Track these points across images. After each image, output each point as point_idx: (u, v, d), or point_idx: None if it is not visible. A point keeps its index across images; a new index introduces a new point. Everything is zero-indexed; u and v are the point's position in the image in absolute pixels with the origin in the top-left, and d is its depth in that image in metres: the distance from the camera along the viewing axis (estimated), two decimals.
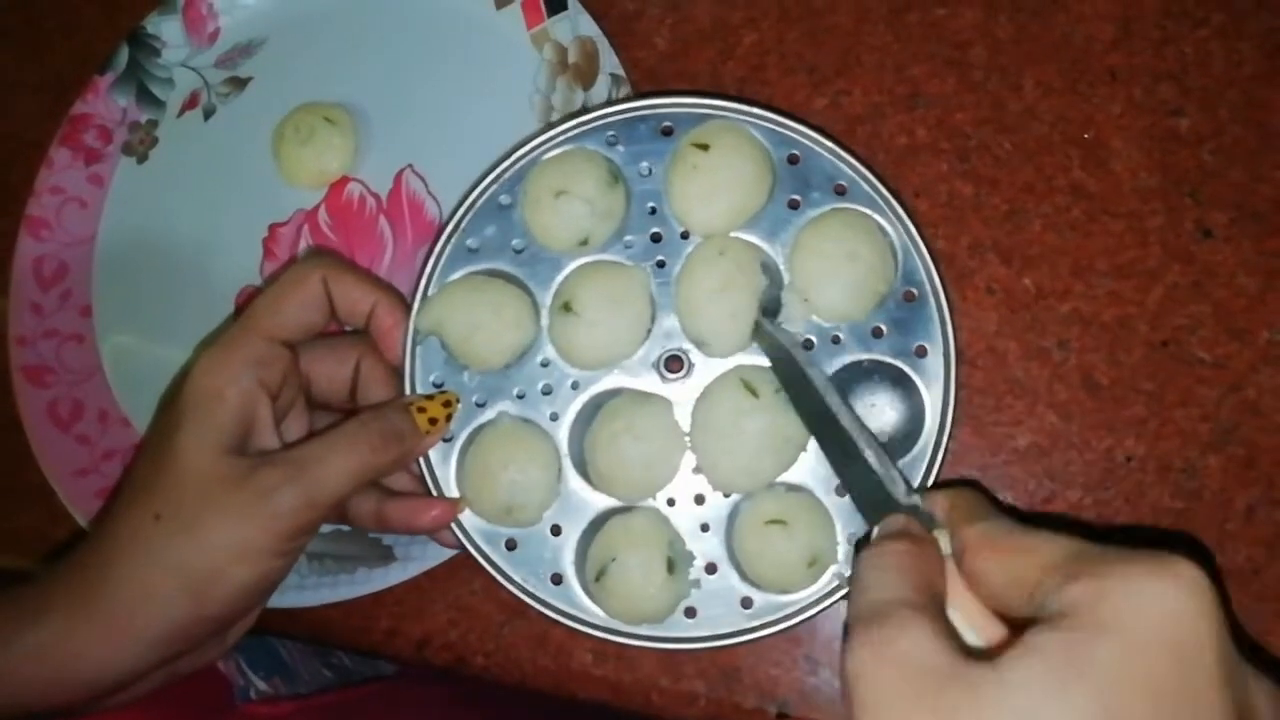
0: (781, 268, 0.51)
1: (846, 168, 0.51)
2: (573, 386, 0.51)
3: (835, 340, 0.50)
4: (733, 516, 0.50)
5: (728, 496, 0.50)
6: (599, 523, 0.51)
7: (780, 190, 0.51)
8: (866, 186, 0.51)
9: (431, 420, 0.50)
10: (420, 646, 0.57)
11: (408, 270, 0.59)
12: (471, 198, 0.52)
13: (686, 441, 0.50)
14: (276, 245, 0.62)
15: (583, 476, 0.51)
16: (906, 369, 0.50)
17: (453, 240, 0.52)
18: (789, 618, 0.49)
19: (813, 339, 0.50)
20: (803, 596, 0.49)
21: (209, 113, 0.64)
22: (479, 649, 0.56)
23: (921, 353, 0.50)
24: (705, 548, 0.50)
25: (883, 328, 0.50)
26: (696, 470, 0.50)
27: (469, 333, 0.50)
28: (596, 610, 0.50)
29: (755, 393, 0.49)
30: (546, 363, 0.52)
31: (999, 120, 0.57)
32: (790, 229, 0.51)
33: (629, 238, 0.52)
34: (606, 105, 0.53)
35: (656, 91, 0.57)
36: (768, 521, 0.48)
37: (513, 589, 0.50)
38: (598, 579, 0.49)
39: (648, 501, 0.51)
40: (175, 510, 0.45)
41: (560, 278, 0.52)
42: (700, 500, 0.50)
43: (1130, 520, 0.53)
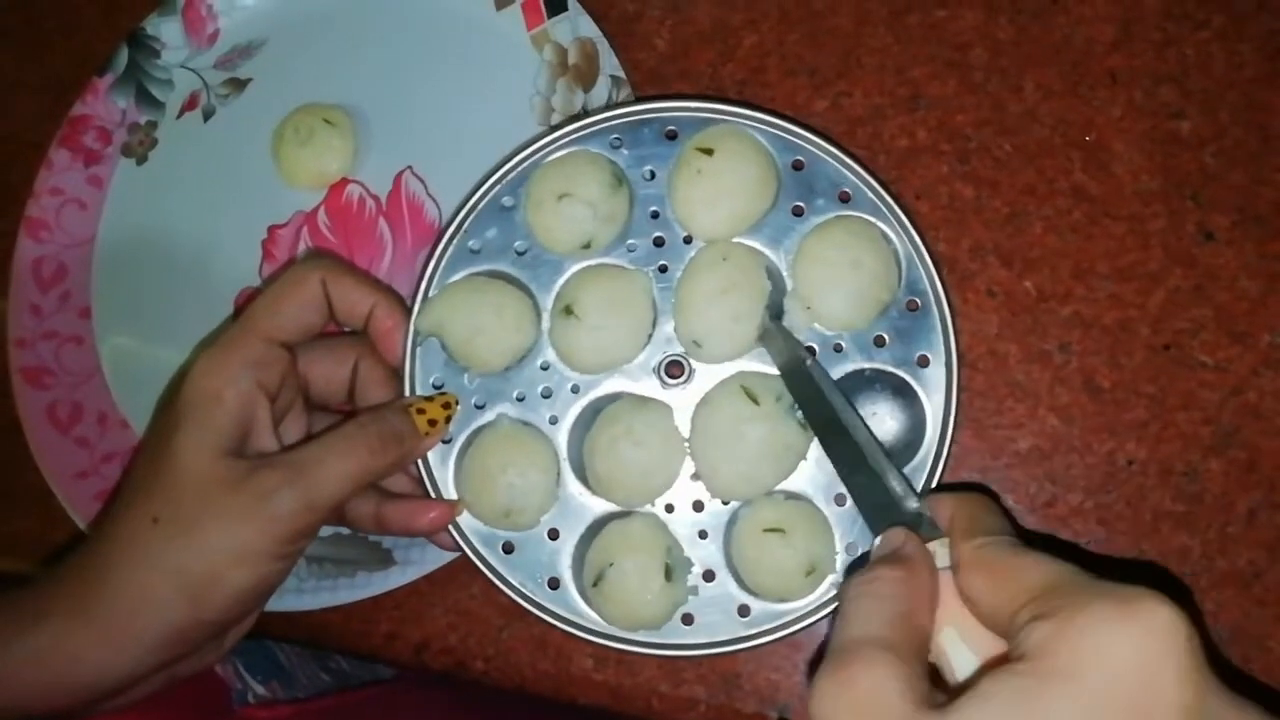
0: (785, 274, 0.51)
1: (851, 175, 0.50)
2: (573, 390, 0.51)
3: (837, 348, 0.50)
4: (731, 524, 0.50)
5: (726, 504, 0.50)
6: (597, 527, 0.50)
7: (784, 196, 0.51)
8: (871, 194, 0.50)
9: (431, 422, 0.50)
10: (419, 650, 0.57)
11: (407, 272, 0.59)
12: (474, 199, 0.52)
13: (686, 447, 0.50)
14: (276, 247, 0.62)
15: (581, 481, 0.51)
16: (908, 379, 0.50)
17: (454, 241, 0.52)
18: (786, 626, 0.49)
19: (815, 347, 0.50)
20: (800, 605, 0.49)
21: (208, 114, 0.64)
22: (478, 653, 0.56)
23: (924, 362, 0.50)
24: (703, 555, 0.50)
25: (885, 337, 0.50)
26: (695, 477, 0.50)
27: (470, 335, 0.50)
28: (593, 616, 0.50)
29: (756, 400, 0.48)
30: (547, 366, 0.51)
31: (1000, 122, 0.57)
32: (794, 235, 0.51)
33: (631, 241, 0.52)
34: (609, 108, 0.52)
35: (661, 95, 0.57)
36: (766, 529, 0.48)
37: (509, 593, 0.50)
38: (595, 584, 0.49)
39: (646, 507, 0.50)
40: (173, 513, 0.45)
41: (562, 281, 0.52)
42: (699, 507, 0.50)
43: (1131, 525, 0.53)
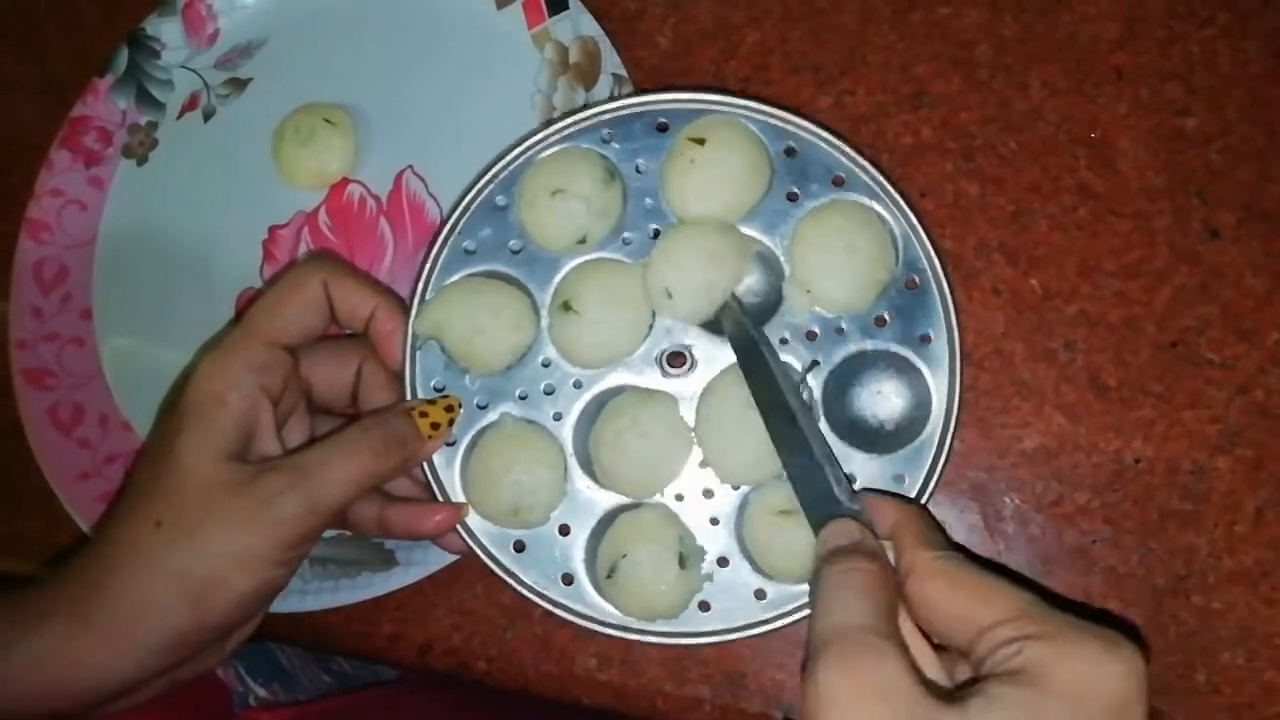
0: (782, 260, 0.51)
1: (844, 159, 0.50)
2: (575, 385, 0.51)
3: (839, 330, 0.50)
4: (742, 509, 0.50)
5: (736, 489, 0.50)
6: (608, 521, 0.50)
7: (778, 183, 0.51)
8: (865, 177, 0.50)
9: (434, 425, 0.50)
10: (422, 652, 0.57)
11: (409, 272, 0.59)
12: (467, 199, 0.52)
13: (692, 436, 0.50)
14: (276, 247, 0.61)
15: (589, 475, 0.51)
16: (911, 356, 0.50)
17: (449, 243, 0.52)
18: (804, 607, 0.49)
19: (816, 330, 0.50)
20: None
21: (209, 114, 0.64)
22: (482, 654, 0.56)
23: (926, 340, 0.50)
24: (716, 541, 0.50)
25: (886, 316, 0.50)
26: (703, 464, 0.50)
27: (469, 336, 0.50)
28: (610, 609, 0.50)
29: None
30: (548, 363, 0.51)
31: (1004, 120, 0.57)
32: (789, 221, 0.51)
33: (626, 235, 0.51)
34: (599, 103, 0.52)
35: (651, 89, 0.56)
36: (777, 512, 0.48)
37: (525, 591, 0.50)
38: (609, 576, 0.49)
39: (656, 497, 0.50)
40: (176, 517, 0.45)
41: (559, 277, 0.51)
42: (709, 494, 0.50)
43: (1138, 524, 0.52)
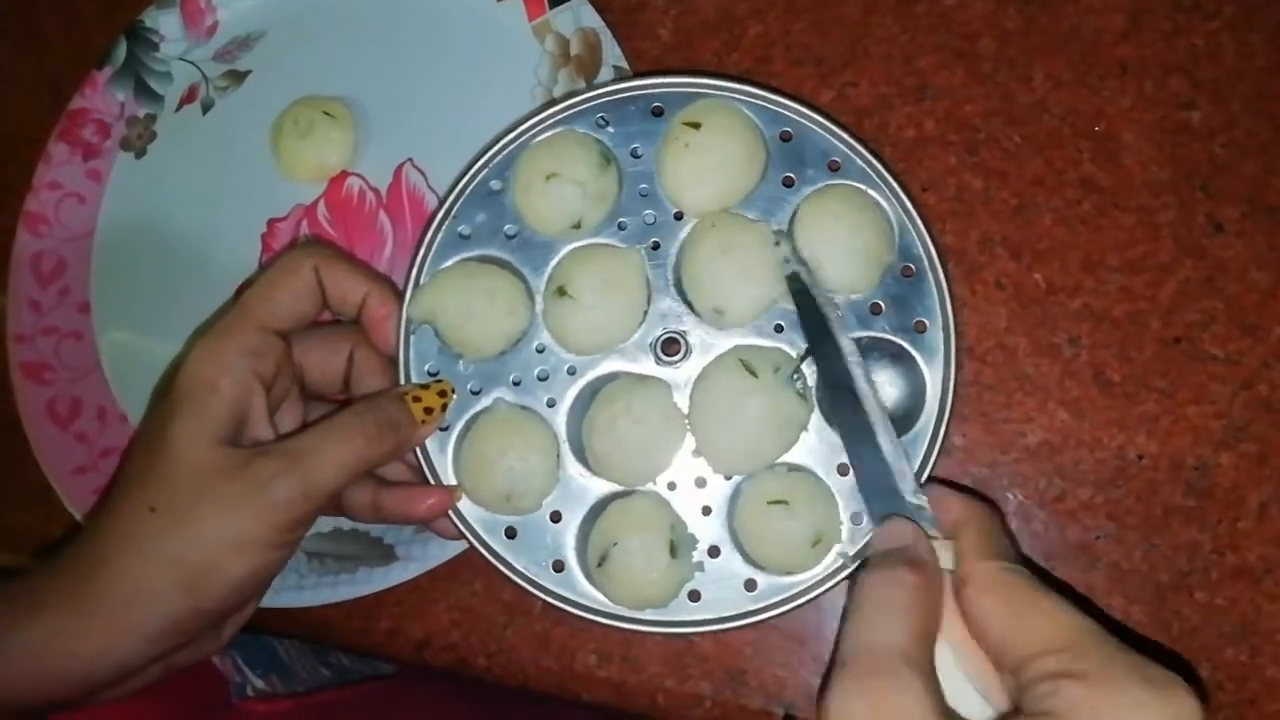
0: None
1: (839, 144, 0.50)
2: (569, 372, 0.51)
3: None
4: (734, 498, 0.49)
5: (729, 479, 0.50)
6: (599, 508, 0.50)
7: (774, 168, 0.51)
8: (860, 161, 0.50)
9: (427, 410, 0.49)
10: (421, 647, 0.56)
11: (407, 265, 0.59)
12: (461, 184, 0.52)
13: (686, 424, 0.50)
14: (275, 240, 0.61)
15: (582, 462, 0.50)
16: (906, 345, 0.49)
17: (444, 228, 0.52)
18: (794, 599, 0.48)
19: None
20: (807, 577, 0.48)
21: (207, 107, 0.64)
22: (481, 650, 0.56)
23: (921, 328, 0.49)
24: (708, 531, 0.50)
25: (881, 304, 0.50)
26: (696, 453, 0.50)
27: (463, 320, 0.50)
28: (599, 597, 0.49)
29: (754, 372, 0.48)
30: (542, 348, 0.51)
31: (1008, 113, 0.56)
32: (786, 206, 0.50)
33: (622, 220, 0.51)
34: (594, 87, 0.52)
35: (646, 72, 0.56)
36: (770, 502, 0.48)
37: (514, 577, 0.50)
38: (600, 565, 0.48)
39: (648, 485, 0.50)
40: (169, 502, 0.45)
41: (554, 262, 0.51)
42: (701, 483, 0.50)
43: (1141, 519, 0.52)
